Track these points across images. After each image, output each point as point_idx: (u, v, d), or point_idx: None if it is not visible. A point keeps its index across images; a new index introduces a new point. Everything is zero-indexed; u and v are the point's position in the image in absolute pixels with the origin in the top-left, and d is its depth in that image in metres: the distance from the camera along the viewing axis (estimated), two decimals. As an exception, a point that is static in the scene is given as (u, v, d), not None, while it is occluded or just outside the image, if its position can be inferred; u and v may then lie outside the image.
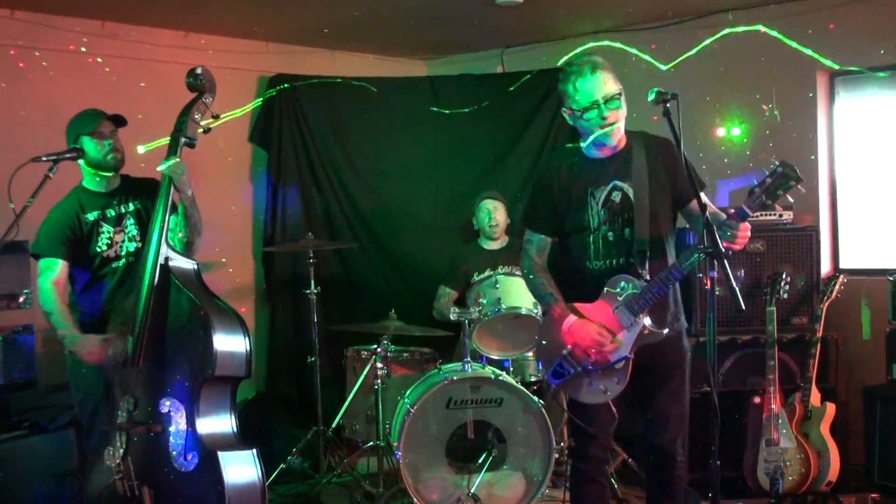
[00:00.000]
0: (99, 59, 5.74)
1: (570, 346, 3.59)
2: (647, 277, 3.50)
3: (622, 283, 3.52)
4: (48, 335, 5.20)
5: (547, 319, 3.77)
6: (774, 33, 5.63)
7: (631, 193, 3.55)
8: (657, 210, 3.56)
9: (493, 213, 5.86)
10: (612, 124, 3.50)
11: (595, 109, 3.49)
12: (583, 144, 3.66)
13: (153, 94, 5.72)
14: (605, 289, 3.56)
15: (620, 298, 3.52)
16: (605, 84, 3.48)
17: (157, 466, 3.71)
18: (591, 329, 3.53)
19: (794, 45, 5.60)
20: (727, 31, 5.83)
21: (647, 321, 3.51)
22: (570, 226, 3.66)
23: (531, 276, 3.79)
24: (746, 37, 5.79)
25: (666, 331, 3.54)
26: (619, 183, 3.58)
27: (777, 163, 3.20)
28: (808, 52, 5.58)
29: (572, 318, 3.58)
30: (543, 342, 3.78)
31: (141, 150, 4.30)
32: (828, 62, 5.56)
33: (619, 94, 3.50)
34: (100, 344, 3.97)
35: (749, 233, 3.32)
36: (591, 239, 3.61)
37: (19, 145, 5.01)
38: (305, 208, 6.70)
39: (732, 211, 3.30)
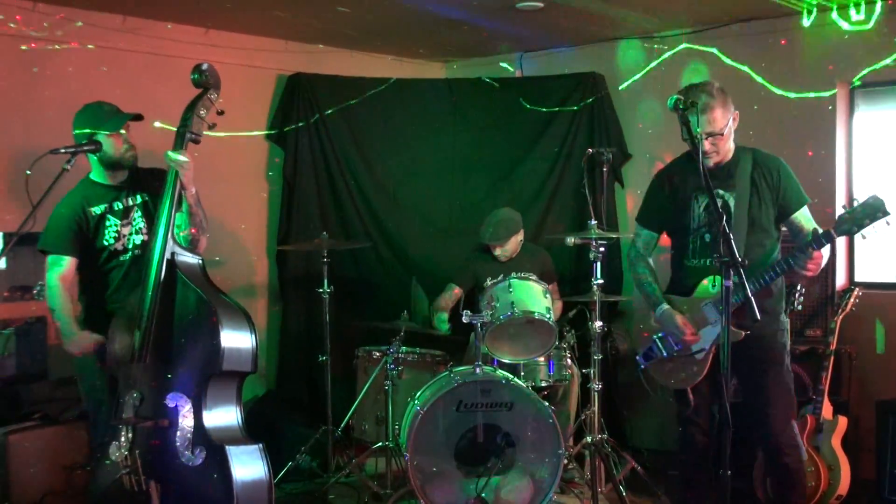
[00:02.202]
0: (119, 54, 5.76)
1: (661, 333, 4.12)
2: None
3: (715, 283, 3.91)
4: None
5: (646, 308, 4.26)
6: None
7: (731, 202, 3.91)
8: (756, 220, 3.91)
9: (498, 252, 5.83)
10: (706, 153, 3.86)
11: (699, 139, 3.79)
12: None
13: (173, 90, 5.73)
14: (699, 287, 3.97)
15: (711, 296, 3.92)
16: (709, 123, 3.84)
17: (164, 461, 3.71)
18: (676, 318, 4.01)
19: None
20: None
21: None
22: (673, 225, 4.14)
23: (634, 267, 4.28)
24: (767, 48, 5.79)
25: (743, 334, 3.84)
26: (721, 191, 3.96)
27: (871, 195, 3.60)
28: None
29: (664, 306, 4.08)
30: (641, 326, 4.35)
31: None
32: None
33: (724, 129, 3.87)
34: (90, 342, 4.00)
35: (822, 261, 3.73)
36: (690, 239, 4.01)
37: (38, 138, 5.04)
38: (320, 207, 6.70)
39: (819, 232, 3.70)
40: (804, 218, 3.98)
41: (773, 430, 4.03)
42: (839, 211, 5.57)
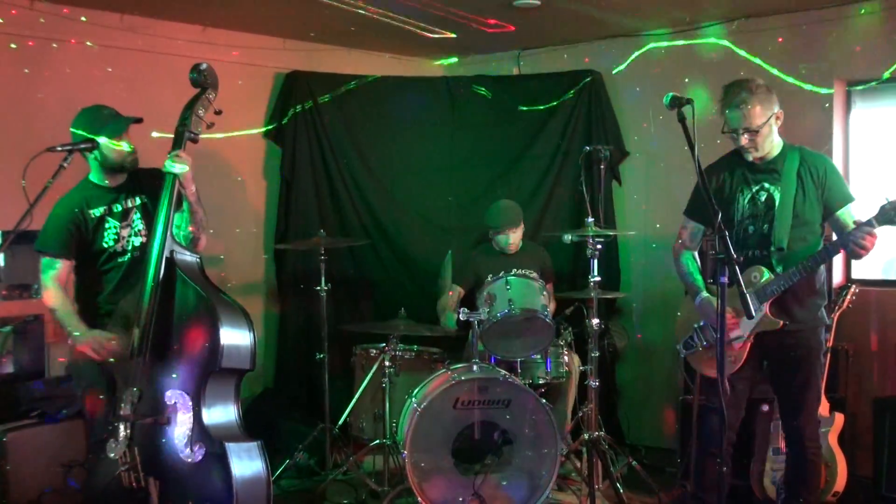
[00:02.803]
0: (117, 52, 5.75)
1: (701, 322, 4.21)
2: (779, 271, 3.96)
3: (754, 273, 3.99)
4: (58, 325, 5.22)
5: (687, 298, 4.36)
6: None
7: (777, 196, 4.00)
8: (800, 214, 3.98)
9: (511, 239, 5.83)
10: (743, 147, 4.03)
11: (735, 134, 4.02)
12: None
13: (170, 88, 5.73)
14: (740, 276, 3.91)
15: (752, 286, 3.96)
16: (745, 119, 3.96)
17: (163, 458, 3.72)
18: (715, 304, 3.88)
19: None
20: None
21: (769, 309, 3.98)
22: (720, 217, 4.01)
23: (679, 258, 4.34)
24: (763, 46, 5.79)
25: (782, 322, 3.99)
26: (767, 185, 4.08)
27: None
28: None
29: (703, 295, 4.16)
30: (680, 315, 4.44)
31: (155, 134, 4.31)
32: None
33: (761, 125, 3.96)
34: (107, 341, 3.97)
35: (875, 241, 3.79)
36: (735, 231, 4.07)
37: (36, 136, 5.02)
38: (318, 205, 6.71)
39: (862, 221, 3.79)
40: (849, 216, 4.03)
41: (800, 422, 4.12)
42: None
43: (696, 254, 4.37)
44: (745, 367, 4.11)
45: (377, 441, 5.39)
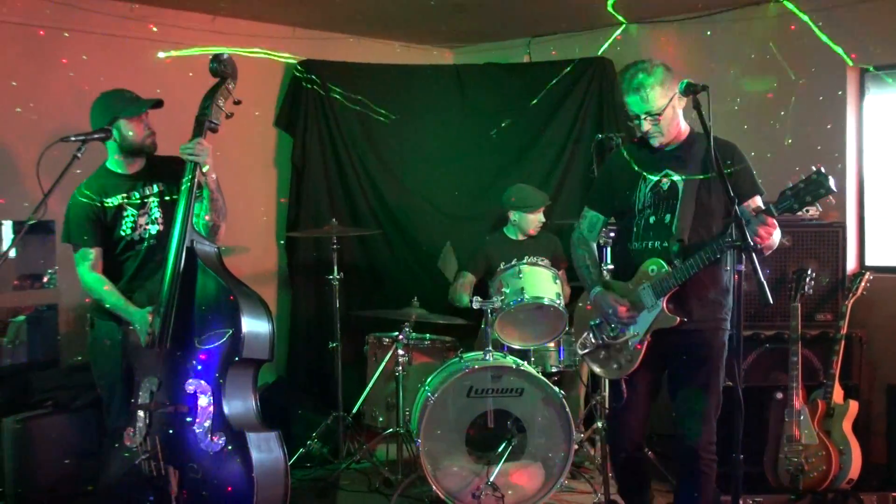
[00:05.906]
0: (128, 42, 5.74)
1: (598, 320, 3.95)
2: (678, 264, 3.69)
3: (653, 266, 3.76)
4: (72, 315, 5.24)
5: (584, 293, 4.11)
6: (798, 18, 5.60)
7: (680, 184, 3.77)
8: (704, 203, 3.73)
9: (534, 224, 5.81)
10: (648, 133, 3.78)
11: (636, 120, 3.80)
12: None
13: (180, 77, 5.73)
14: (639, 270, 3.81)
15: (650, 280, 3.76)
16: (645, 102, 3.71)
17: (183, 447, 3.74)
18: (608, 296, 3.87)
19: (824, 38, 5.57)
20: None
21: (667, 305, 3.73)
22: (620, 206, 3.97)
23: (576, 249, 4.12)
24: (776, 33, 5.76)
25: (678, 319, 3.71)
26: (670, 172, 3.80)
27: (814, 169, 3.34)
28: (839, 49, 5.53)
29: (598, 288, 3.94)
30: (576, 315, 4.20)
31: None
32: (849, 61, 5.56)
33: (663, 108, 3.71)
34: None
35: (774, 230, 3.49)
36: (636, 220, 3.86)
37: (48, 126, 5.04)
38: (329, 194, 6.70)
39: (760, 209, 3.54)
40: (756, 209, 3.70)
41: (696, 432, 3.79)
42: (850, 199, 5.63)
43: (595, 245, 4.13)
44: (643, 368, 3.84)
45: (390, 430, 5.40)
